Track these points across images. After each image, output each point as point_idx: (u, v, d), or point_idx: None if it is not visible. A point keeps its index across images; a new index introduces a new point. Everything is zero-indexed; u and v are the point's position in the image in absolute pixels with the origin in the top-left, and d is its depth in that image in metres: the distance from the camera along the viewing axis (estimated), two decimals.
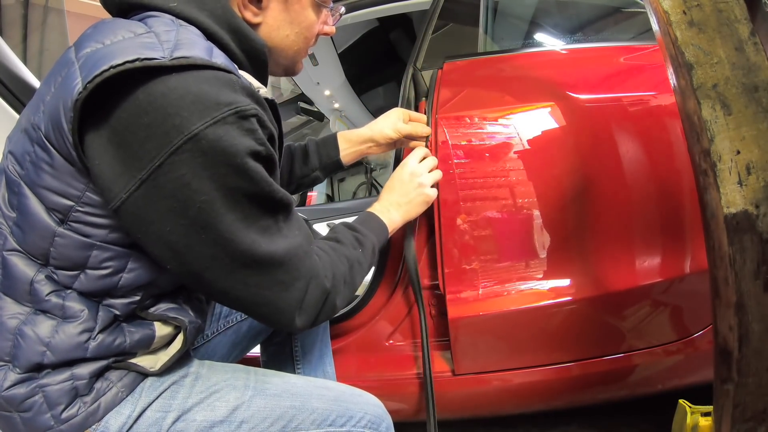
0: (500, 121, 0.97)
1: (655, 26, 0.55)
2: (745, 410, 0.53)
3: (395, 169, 0.86)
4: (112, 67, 0.44)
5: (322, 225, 2.32)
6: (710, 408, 0.82)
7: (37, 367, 0.52)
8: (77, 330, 0.53)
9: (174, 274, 0.54)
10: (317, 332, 0.96)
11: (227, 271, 0.51)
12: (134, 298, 0.55)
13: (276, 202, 0.53)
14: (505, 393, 1.02)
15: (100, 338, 0.54)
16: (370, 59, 3.06)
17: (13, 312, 0.53)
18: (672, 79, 0.55)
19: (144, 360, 0.58)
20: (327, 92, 3.24)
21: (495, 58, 1.17)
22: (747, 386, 0.52)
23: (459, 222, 0.95)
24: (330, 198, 4.31)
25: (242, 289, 0.53)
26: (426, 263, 1.01)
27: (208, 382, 0.61)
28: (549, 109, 0.96)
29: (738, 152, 0.49)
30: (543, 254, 0.96)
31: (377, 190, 4.17)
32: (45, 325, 0.52)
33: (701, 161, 0.51)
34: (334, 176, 4.48)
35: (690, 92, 0.51)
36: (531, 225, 0.95)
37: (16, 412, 0.52)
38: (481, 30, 1.42)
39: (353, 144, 0.94)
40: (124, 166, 0.47)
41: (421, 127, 0.94)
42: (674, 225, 0.95)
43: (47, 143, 0.49)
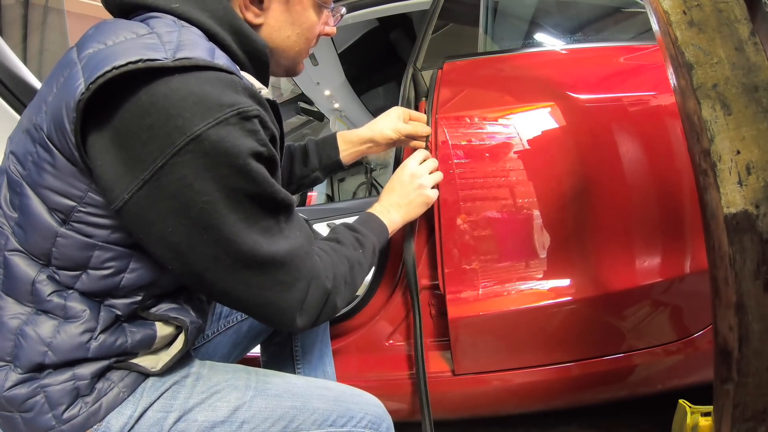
0: (500, 121, 0.97)
1: (655, 26, 0.55)
2: (745, 410, 0.53)
3: (396, 170, 0.87)
4: (115, 68, 0.44)
5: (322, 225, 2.32)
6: (710, 408, 0.82)
7: (39, 368, 0.52)
8: (79, 330, 0.53)
9: (175, 275, 0.54)
10: (317, 332, 0.96)
11: (229, 272, 0.51)
12: (136, 299, 0.56)
13: (277, 203, 0.53)
14: (505, 393, 1.02)
15: (102, 338, 0.54)
16: (370, 59, 3.05)
17: (15, 312, 0.53)
18: (672, 79, 0.55)
19: (145, 360, 0.58)
20: (327, 92, 3.24)
21: (495, 58, 1.17)
22: (747, 386, 0.52)
23: (459, 222, 0.95)
24: (330, 198, 4.31)
25: (243, 290, 0.53)
26: (426, 263, 1.01)
27: (210, 383, 0.61)
28: (549, 109, 0.97)
29: (738, 152, 0.49)
30: (543, 254, 0.96)
31: (377, 190, 4.17)
32: (46, 326, 0.52)
33: (701, 161, 0.51)
34: (334, 176, 4.48)
35: (690, 92, 0.51)
36: (531, 225, 0.95)
37: (18, 413, 0.52)
38: (481, 30, 1.42)
39: (353, 144, 0.94)
40: (127, 167, 0.47)
41: (421, 127, 0.93)
42: (674, 225, 0.95)
43: (49, 144, 0.49)
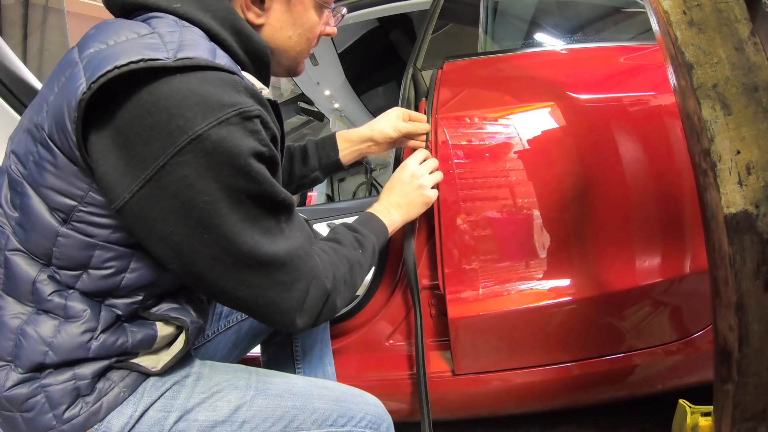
0: (500, 121, 0.97)
1: (655, 26, 0.55)
2: (745, 410, 0.53)
3: (396, 170, 0.87)
4: (117, 68, 0.44)
5: (322, 225, 2.32)
6: (710, 408, 0.82)
7: (39, 367, 0.52)
8: (79, 330, 0.53)
9: (176, 275, 0.54)
10: (317, 332, 0.96)
11: (229, 272, 0.51)
12: (136, 298, 0.56)
13: (278, 203, 0.53)
14: (505, 393, 1.02)
15: (102, 338, 0.54)
16: (370, 59, 3.05)
17: (15, 312, 0.53)
18: (672, 79, 0.55)
19: (146, 360, 0.58)
20: (327, 92, 3.24)
21: (495, 58, 1.17)
22: (747, 386, 0.52)
23: (459, 222, 0.95)
24: (330, 198, 4.31)
25: (244, 290, 0.53)
26: (426, 263, 1.01)
27: (210, 382, 0.61)
28: (549, 109, 0.96)
29: (738, 152, 0.49)
30: (543, 254, 0.96)
31: (377, 190, 4.17)
32: (47, 325, 0.52)
33: (701, 161, 0.51)
34: (334, 176, 4.48)
35: (690, 92, 0.51)
36: (531, 225, 0.95)
37: (18, 412, 0.52)
38: (481, 30, 1.42)
39: (353, 143, 0.94)
40: (128, 167, 0.47)
41: (421, 125, 0.93)
42: (674, 225, 0.95)
43: (51, 143, 0.49)
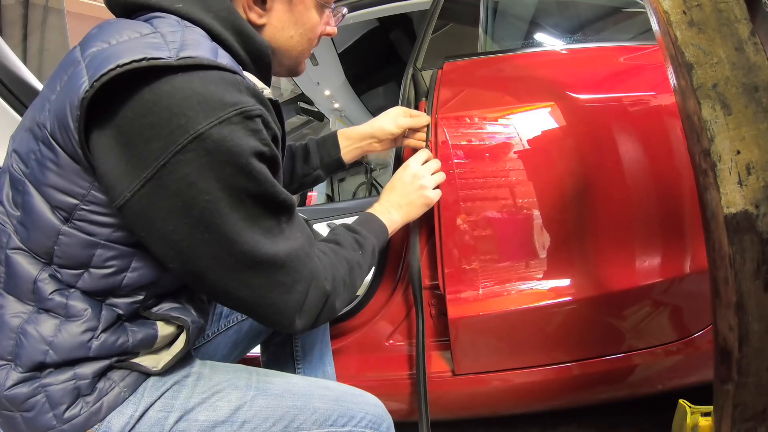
0: (500, 121, 0.97)
1: (655, 26, 0.55)
2: (745, 410, 0.53)
3: (397, 170, 0.87)
4: (119, 66, 0.44)
5: (322, 225, 2.32)
6: (710, 408, 0.82)
7: (40, 367, 0.52)
8: (80, 329, 0.53)
9: (176, 274, 0.54)
10: (317, 332, 0.96)
11: (230, 272, 0.51)
12: (137, 298, 0.56)
13: (279, 203, 0.53)
14: (505, 393, 1.02)
15: (103, 338, 0.54)
16: (370, 59, 3.06)
17: (16, 311, 0.53)
18: (672, 79, 0.55)
19: (146, 360, 0.58)
20: (327, 92, 3.24)
21: (495, 58, 1.17)
22: (747, 386, 0.52)
23: (459, 222, 0.95)
24: (330, 198, 4.31)
25: (244, 290, 0.53)
26: (426, 263, 1.01)
27: (210, 382, 0.61)
28: (549, 109, 0.96)
29: (738, 152, 0.49)
30: (543, 254, 0.96)
31: (377, 190, 4.17)
32: (48, 324, 0.52)
33: (701, 161, 0.51)
34: (335, 176, 4.48)
35: (690, 92, 0.51)
36: (531, 225, 0.95)
37: (18, 412, 0.52)
38: (481, 30, 1.42)
39: (354, 141, 0.94)
40: (129, 165, 0.47)
41: (422, 118, 0.94)
42: (674, 225, 0.95)
43: (53, 141, 0.50)
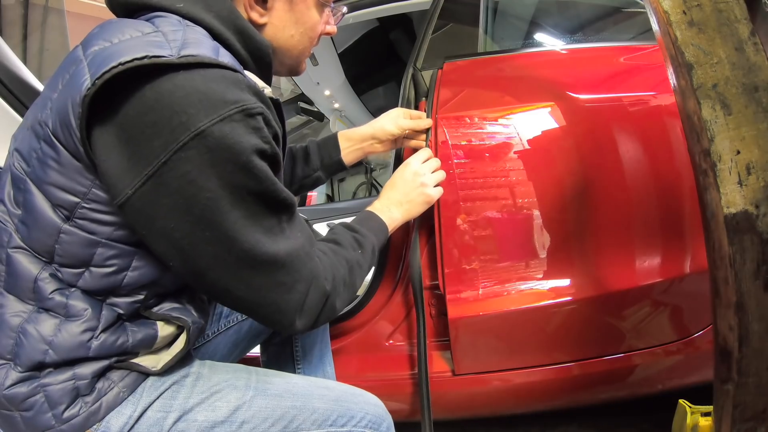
0: (500, 121, 0.97)
1: (655, 26, 0.55)
2: (745, 410, 0.53)
3: (398, 168, 0.86)
4: (121, 64, 0.45)
5: (322, 225, 2.32)
6: (710, 408, 0.81)
7: (39, 366, 0.52)
8: (80, 329, 0.53)
9: (177, 273, 0.54)
10: (317, 333, 0.96)
11: (230, 271, 0.51)
12: (138, 297, 0.56)
13: (279, 202, 0.53)
14: (505, 393, 1.02)
15: (103, 337, 0.54)
16: (370, 59, 3.06)
17: (16, 310, 0.53)
18: (672, 79, 0.55)
19: (146, 360, 0.58)
20: (327, 92, 3.24)
21: (495, 58, 1.17)
22: (747, 386, 0.52)
23: (459, 222, 0.95)
24: (330, 198, 4.31)
25: (244, 290, 0.53)
26: (426, 263, 1.01)
27: (209, 382, 0.61)
28: (549, 109, 0.96)
29: (738, 152, 0.49)
30: (543, 254, 0.96)
31: (377, 190, 4.16)
32: (48, 324, 0.52)
33: (701, 161, 0.51)
34: (334, 176, 4.47)
35: (690, 92, 0.51)
36: (531, 225, 0.95)
37: (17, 411, 0.52)
38: (481, 30, 1.42)
39: (355, 142, 0.94)
40: (131, 163, 0.47)
41: (423, 120, 0.94)
42: (674, 225, 0.95)
43: (54, 140, 0.50)
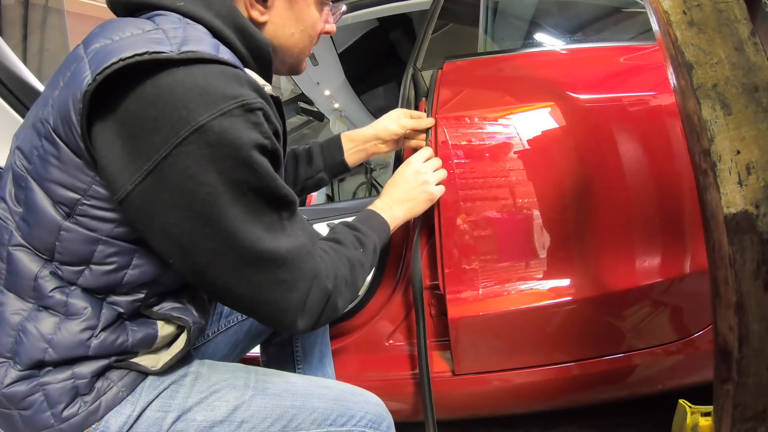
0: (500, 121, 0.97)
1: (655, 26, 0.55)
2: (745, 410, 0.53)
3: (399, 167, 0.87)
4: (122, 60, 0.45)
5: (322, 225, 2.32)
6: (710, 408, 0.81)
7: (39, 365, 0.52)
8: (80, 327, 0.53)
9: (177, 270, 0.54)
10: (317, 333, 0.96)
11: (230, 268, 0.51)
12: (138, 296, 0.56)
13: (280, 198, 0.53)
14: (505, 393, 1.02)
15: (103, 336, 0.54)
16: (370, 59, 3.06)
17: (16, 308, 0.53)
18: (672, 79, 0.55)
19: (145, 359, 0.58)
20: (327, 92, 3.24)
21: (495, 58, 1.17)
22: (747, 386, 0.52)
23: (459, 222, 0.95)
24: (330, 198, 4.30)
25: (245, 288, 0.53)
26: (426, 263, 1.01)
27: (208, 382, 0.61)
28: (549, 109, 0.96)
29: (738, 152, 0.49)
30: (543, 254, 0.96)
31: (377, 190, 4.16)
32: (47, 322, 0.52)
33: (701, 161, 0.51)
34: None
35: (690, 92, 0.51)
36: (531, 225, 0.95)
37: (16, 410, 0.52)
38: (481, 30, 1.43)
39: (358, 143, 0.95)
40: (131, 158, 0.47)
41: (425, 120, 0.95)
42: (674, 225, 0.95)
43: (55, 136, 0.50)
